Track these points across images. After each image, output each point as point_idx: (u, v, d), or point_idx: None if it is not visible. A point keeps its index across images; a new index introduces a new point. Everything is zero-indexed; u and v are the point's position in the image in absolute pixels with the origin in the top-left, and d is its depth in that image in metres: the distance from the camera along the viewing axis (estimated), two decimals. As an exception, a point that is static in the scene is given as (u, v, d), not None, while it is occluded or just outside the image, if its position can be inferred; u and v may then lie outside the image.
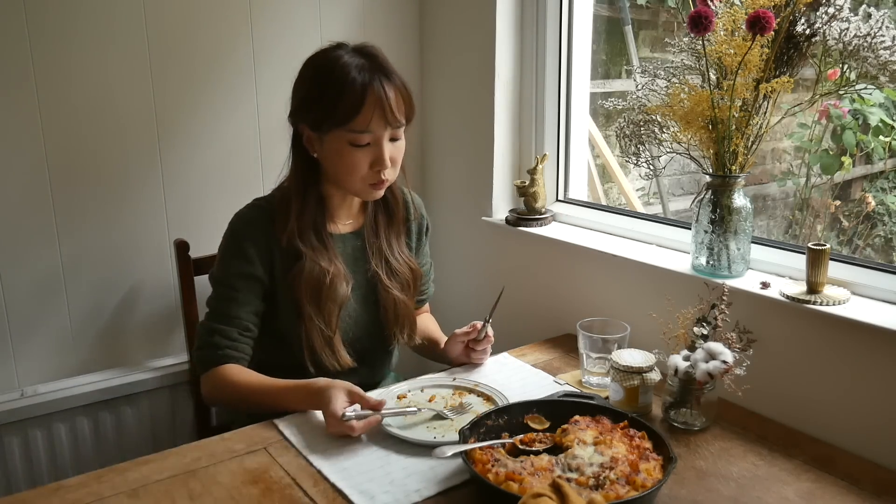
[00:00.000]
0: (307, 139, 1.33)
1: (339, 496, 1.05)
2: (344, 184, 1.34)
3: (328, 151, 1.31)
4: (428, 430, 1.23)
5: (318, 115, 1.29)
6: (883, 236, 2.36)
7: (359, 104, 1.25)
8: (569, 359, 1.54)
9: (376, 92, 1.26)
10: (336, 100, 1.26)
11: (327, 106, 1.27)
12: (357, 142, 1.28)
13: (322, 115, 1.28)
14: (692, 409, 1.23)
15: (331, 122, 1.28)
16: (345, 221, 1.43)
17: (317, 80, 1.30)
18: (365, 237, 1.44)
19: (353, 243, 1.43)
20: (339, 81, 1.26)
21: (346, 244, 1.42)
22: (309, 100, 1.30)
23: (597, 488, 0.97)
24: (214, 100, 1.76)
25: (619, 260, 1.55)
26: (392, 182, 1.38)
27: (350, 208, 1.43)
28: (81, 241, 1.65)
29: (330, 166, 1.33)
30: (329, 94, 1.27)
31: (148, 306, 1.76)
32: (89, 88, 1.61)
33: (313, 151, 1.34)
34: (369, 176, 1.31)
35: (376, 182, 1.33)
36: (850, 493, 1.06)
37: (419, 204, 1.55)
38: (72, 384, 1.66)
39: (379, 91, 1.26)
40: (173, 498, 1.05)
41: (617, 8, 2.54)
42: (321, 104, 1.28)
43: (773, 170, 2.70)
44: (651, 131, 1.43)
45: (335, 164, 1.32)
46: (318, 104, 1.28)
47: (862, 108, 2.18)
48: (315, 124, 1.30)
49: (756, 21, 1.20)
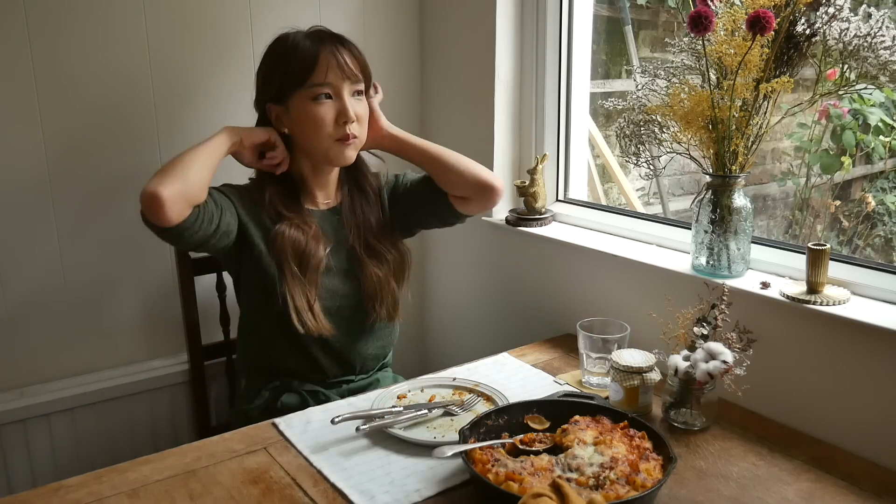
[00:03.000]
0: (276, 117, 1.40)
1: (339, 496, 1.05)
2: (314, 147, 1.39)
3: (295, 117, 1.38)
4: (428, 430, 1.23)
5: (278, 85, 1.37)
6: (883, 236, 2.36)
7: (313, 60, 1.34)
8: (569, 359, 1.54)
9: (328, 49, 1.35)
10: (291, 63, 1.35)
11: (284, 72, 1.36)
12: (317, 94, 1.35)
13: (281, 81, 1.36)
14: (692, 409, 1.23)
15: (291, 85, 1.35)
16: (323, 200, 1.48)
17: (272, 56, 1.39)
18: (342, 213, 1.48)
19: (330, 219, 1.47)
20: (292, 48, 1.36)
21: (325, 220, 1.46)
22: (268, 76, 1.39)
23: (597, 488, 0.97)
24: (214, 99, 1.76)
25: (619, 260, 1.55)
26: (361, 143, 1.42)
27: (326, 186, 1.48)
28: (81, 241, 1.65)
29: (299, 132, 1.39)
30: (284, 62, 1.36)
31: (148, 306, 1.76)
32: (89, 88, 1.61)
33: (283, 127, 1.40)
34: (336, 131, 1.37)
35: (343, 136, 1.37)
36: (850, 493, 1.06)
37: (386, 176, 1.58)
38: (72, 384, 1.66)
39: (331, 48, 1.36)
40: (173, 498, 1.05)
41: (617, 8, 2.54)
42: (278, 73, 1.36)
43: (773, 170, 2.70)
44: (651, 131, 1.43)
45: (303, 126, 1.37)
46: (275, 75, 1.37)
47: (862, 108, 2.18)
48: (277, 95, 1.38)
49: (756, 21, 1.20)
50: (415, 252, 2.12)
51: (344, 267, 1.46)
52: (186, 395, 1.76)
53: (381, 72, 1.97)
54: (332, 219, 1.47)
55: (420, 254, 2.15)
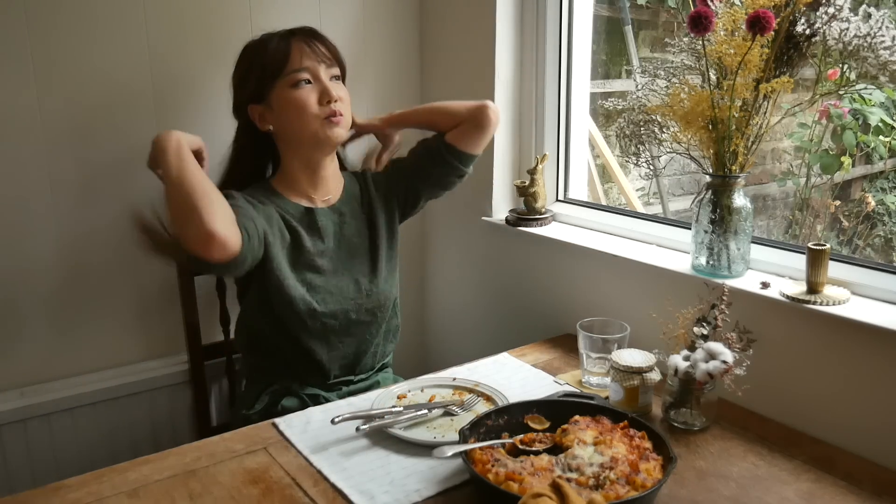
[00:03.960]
0: (259, 117, 1.40)
1: (339, 496, 1.05)
2: (302, 132, 1.39)
3: (278, 109, 1.38)
4: (428, 430, 1.23)
5: (256, 82, 1.37)
6: (883, 236, 2.36)
7: (285, 49, 1.36)
8: (569, 359, 1.54)
9: (298, 38, 1.38)
10: (264, 58, 1.36)
11: (260, 67, 1.36)
12: (297, 81, 1.36)
13: (259, 77, 1.37)
14: (692, 409, 1.23)
15: (269, 79, 1.36)
16: (321, 198, 1.47)
17: (244, 60, 1.41)
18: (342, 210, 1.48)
19: (330, 216, 1.47)
20: (262, 46, 1.38)
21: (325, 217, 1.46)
22: (243, 78, 1.40)
23: (597, 488, 0.97)
24: (214, 98, 1.75)
25: (619, 260, 1.55)
26: (348, 123, 1.43)
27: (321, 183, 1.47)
28: (81, 241, 1.65)
29: (285, 122, 1.39)
30: (257, 59, 1.37)
31: (148, 306, 1.76)
32: (89, 88, 1.61)
33: (268, 124, 1.40)
34: (322, 111, 1.37)
35: (330, 114, 1.38)
36: (850, 493, 1.06)
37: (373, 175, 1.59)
38: (72, 384, 1.66)
39: (301, 37, 1.38)
40: (173, 498, 1.05)
41: (617, 8, 2.55)
42: (254, 71, 1.37)
43: (773, 170, 2.70)
44: (651, 131, 1.44)
45: (288, 114, 1.38)
46: (251, 73, 1.38)
47: (862, 108, 2.18)
48: (256, 93, 1.38)
49: (756, 21, 1.20)
50: (415, 252, 2.13)
51: (345, 265, 1.46)
52: (186, 395, 1.76)
53: (381, 72, 1.98)
54: (332, 216, 1.47)
55: (420, 254, 2.15)
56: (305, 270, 1.41)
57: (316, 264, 1.42)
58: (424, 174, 1.54)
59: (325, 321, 1.41)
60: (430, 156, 1.53)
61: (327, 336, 1.42)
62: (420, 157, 1.55)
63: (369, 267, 1.48)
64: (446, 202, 2.05)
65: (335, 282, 1.43)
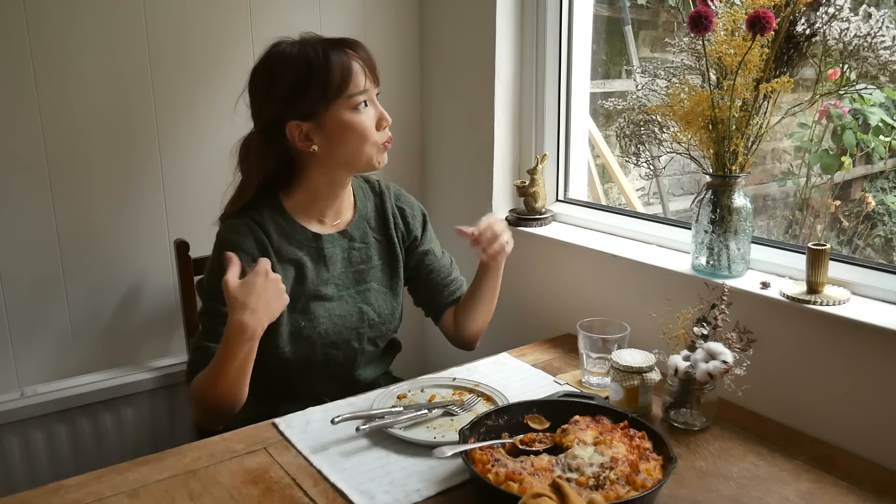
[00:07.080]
0: (300, 135, 1.30)
1: (339, 496, 1.05)
2: (356, 158, 1.32)
3: (331, 131, 1.30)
4: (428, 430, 1.23)
5: (310, 101, 1.27)
6: (883, 236, 2.36)
7: (348, 69, 1.28)
8: (569, 359, 1.54)
9: (356, 55, 1.31)
10: (325, 75, 1.26)
11: (318, 86, 1.26)
12: (358, 104, 1.29)
13: (315, 96, 1.27)
14: (692, 409, 1.23)
15: (327, 98, 1.27)
16: (332, 221, 1.41)
17: (288, 69, 1.28)
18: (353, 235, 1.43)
19: (339, 241, 1.41)
20: (316, 60, 1.27)
21: (333, 243, 1.40)
22: (292, 92, 1.28)
23: (597, 488, 0.97)
24: (215, 100, 1.76)
25: (619, 260, 1.55)
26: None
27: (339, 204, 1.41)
28: (81, 241, 1.65)
29: (338, 146, 1.31)
30: (316, 74, 1.26)
31: (148, 306, 1.76)
32: (89, 90, 1.61)
33: (311, 145, 1.30)
34: (379, 136, 1.33)
35: (388, 140, 1.35)
36: (850, 493, 1.06)
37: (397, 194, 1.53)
38: (72, 384, 1.66)
39: (353, 55, 1.30)
40: (173, 498, 1.05)
41: (617, 8, 2.55)
42: (309, 88, 1.27)
43: (773, 170, 2.70)
44: (651, 131, 1.43)
45: (345, 139, 1.30)
46: (305, 91, 1.27)
47: (862, 108, 2.18)
48: (308, 112, 1.28)
49: (756, 21, 1.20)
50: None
51: (350, 292, 1.42)
52: (186, 395, 1.76)
53: (381, 72, 1.98)
54: (342, 241, 1.42)
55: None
56: (308, 300, 1.36)
57: (320, 293, 1.38)
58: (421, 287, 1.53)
59: (326, 351, 1.38)
60: (432, 294, 1.53)
61: (328, 364, 1.40)
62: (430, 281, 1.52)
63: (374, 295, 1.44)
64: (446, 202, 2.05)
65: (339, 311, 1.39)
